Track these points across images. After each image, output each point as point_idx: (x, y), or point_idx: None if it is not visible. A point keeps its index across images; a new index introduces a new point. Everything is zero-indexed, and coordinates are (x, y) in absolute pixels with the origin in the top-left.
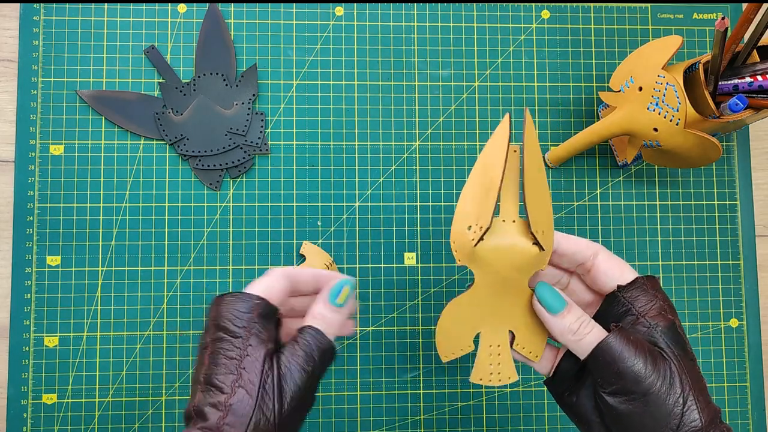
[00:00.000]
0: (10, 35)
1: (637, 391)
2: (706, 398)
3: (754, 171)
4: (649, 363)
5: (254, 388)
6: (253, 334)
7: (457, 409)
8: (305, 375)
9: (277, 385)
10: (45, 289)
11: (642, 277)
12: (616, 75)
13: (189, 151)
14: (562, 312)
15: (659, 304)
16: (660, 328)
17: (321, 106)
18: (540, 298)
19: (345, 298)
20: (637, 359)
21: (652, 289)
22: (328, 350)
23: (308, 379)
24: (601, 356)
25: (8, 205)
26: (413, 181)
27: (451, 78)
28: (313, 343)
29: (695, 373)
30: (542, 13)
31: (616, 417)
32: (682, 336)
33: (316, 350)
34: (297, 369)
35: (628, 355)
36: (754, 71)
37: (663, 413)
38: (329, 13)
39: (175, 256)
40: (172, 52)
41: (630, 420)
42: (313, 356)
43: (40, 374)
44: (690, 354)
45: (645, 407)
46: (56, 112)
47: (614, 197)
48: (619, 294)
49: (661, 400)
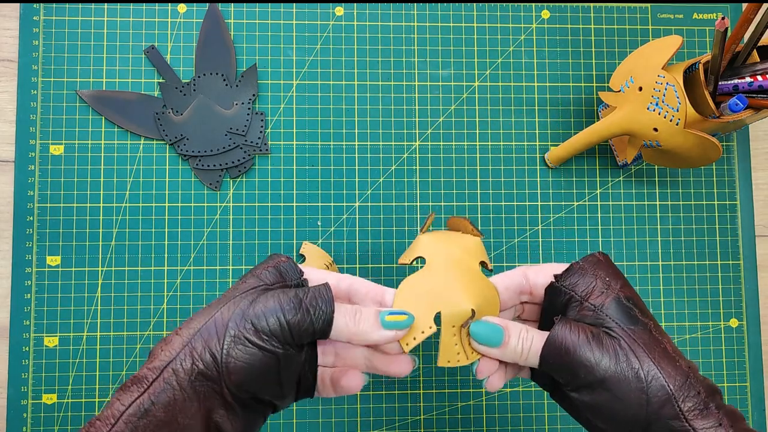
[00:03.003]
0: (10, 35)
1: (594, 380)
2: (672, 363)
3: (754, 171)
4: (596, 348)
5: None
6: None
7: (457, 409)
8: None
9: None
10: (45, 289)
11: (576, 262)
12: (616, 75)
13: (189, 151)
14: (504, 341)
15: (600, 283)
16: (604, 307)
17: (321, 106)
18: (477, 338)
19: (396, 322)
20: (582, 348)
21: (591, 269)
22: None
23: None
24: (550, 358)
25: (8, 205)
26: (413, 181)
27: (451, 78)
28: (312, 294)
29: (652, 342)
30: (542, 13)
31: (588, 410)
32: (630, 307)
33: (309, 301)
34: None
35: (572, 346)
36: (754, 71)
37: (626, 393)
38: (329, 13)
39: (175, 256)
40: (172, 52)
41: (601, 410)
42: (302, 303)
43: (40, 374)
44: (644, 321)
45: (608, 393)
46: (56, 112)
47: (614, 197)
48: (558, 284)
49: (620, 380)
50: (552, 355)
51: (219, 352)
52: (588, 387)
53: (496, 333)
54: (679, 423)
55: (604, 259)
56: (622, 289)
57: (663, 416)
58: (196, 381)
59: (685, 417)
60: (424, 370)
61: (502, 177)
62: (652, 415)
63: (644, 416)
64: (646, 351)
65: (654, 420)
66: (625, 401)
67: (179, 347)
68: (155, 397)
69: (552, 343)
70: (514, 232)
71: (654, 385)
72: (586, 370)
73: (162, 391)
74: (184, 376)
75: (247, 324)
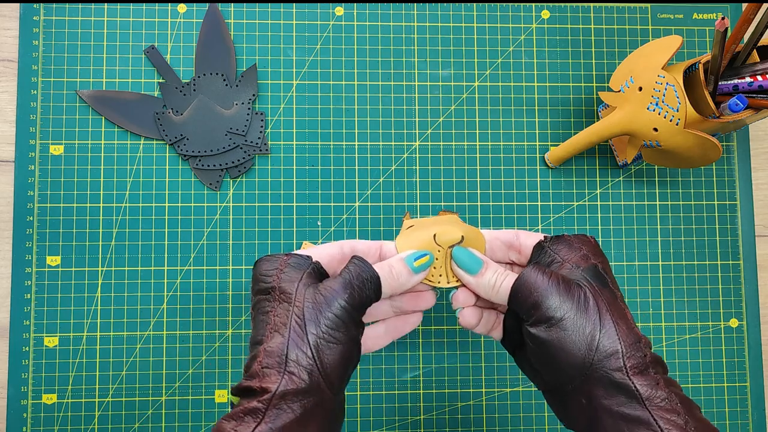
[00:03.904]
0: (10, 35)
1: (554, 317)
2: (628, 324)
3: (754, 171)
4: (563, 290)
5: (285, 327)
6: (283, 281)
7: (457, 409)
8: (342, 302)
9: (311, 317)
10: (45, 289)
11: (568, 234)
12: (616, 75)
13: (189, 151)
14: (480, 271)
15: (583, 252)
16: (581, 268)
17: (321, 106)
18: (458, 262)
19: (423, 264)
20: (550, 287)
21: (578, 243)
22: (369, 279)
23: (346, 308)
24: (519, 293)
25: (8, 205)
26: (413, 181)
27: (451, 78)
28: (354, 271)
29: (616, 304)
30: (542, 13)
31: (539, 346)
32: (604, 276)
33: (356, 278)
34: (333, 296)
35: (542, 284)
36: (754, 71)
37: (580, 336)
38: (329, 13)
39: (175, 256)
40: (172, 52)
41: (551, 347)
42: (352, 284)
43: (40, 374)
44: (612, 289)
45: (563, 332)
46: (56, 112)
47: (614, 197)
48: (545, 244)
49: (577, 324)
50: (521, 290)
51: (313, 360)
52: (546, 323)
53: (475, 262)
54: (620, 375)
55: (593, 241)
56: (602, 263)
57: (607, 366)
58: (302, 398)
59: (627, 371)
60: (424, 370)
61: (502, 177)
62: (597, 362)
63: (590, 362)
64: (608, 307)
65: (598, 367)
66: (577, 343)
67: (276, 374)
68: (272, 423)
69: (522, 278)
70: None
71: (606, 335)
72: (548, 307)
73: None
74: (293, 396)
75: (322, 326)
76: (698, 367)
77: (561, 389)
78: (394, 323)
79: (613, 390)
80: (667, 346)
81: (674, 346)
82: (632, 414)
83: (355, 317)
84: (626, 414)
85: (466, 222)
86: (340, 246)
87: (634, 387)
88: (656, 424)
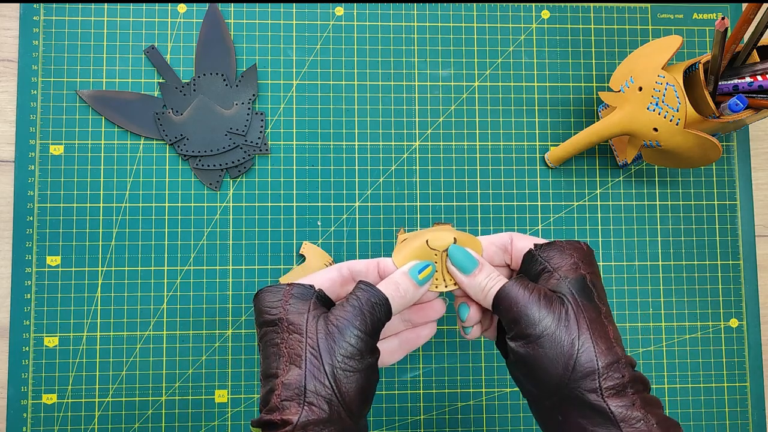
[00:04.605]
0: (10, 35)
1: (532, 334)
2: (608, 344)
3: (754, 171)
4: (544, 306)
5: (300, 359)
6: (290, 312)
7: (457, 409)
8: (355, 330)
9: (326, 347)
10: (45, 289)
11: (560, 240)
12: (616, 75)
13: (189, 151)
14: (474, 271)
15: (573, 261)
16: (568, 279)
17: (321, 106)
18: (453, 260)
19: (427, 276)
20: (531, 303)
21: (570, 250)
22: (379, 303)
23: (360, 336)
24: (501, 303)
25: (8, 205)
26: (413, 181)
27: (451, 78)
28: (362, 297)
29: (598, 321)
30: (542, 13)
31: (519, 361)
32: (592, 288)
33: (366, 304)
34: (345, 325)
35: (522, 299)
36: (754, 71)
37: (557, 354)
38: (329, 13)
39: (175, 256)
40: (172, 52)
41: (528, 363)
42: (362, 310)
43: (40, 374)
44: (597, 304)
45: (540, 349)
46: (56, 112)
47: (614, 197)
48: (535, 252)
49: (555, 341)
50: (503, 300)
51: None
52: (525, 339)
53: (470, 261)
54: (594, 397)
55: (586, 248)
56: (591, 274)
57: (582, 387)
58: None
59: (602, 393)
60: (424, 370)
61: (502, 177)
62: (573, 382)
63: (566, 381)
64: (588, 325)
65: (574, 387)
66: (554, 362)
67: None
68: None
69: (504, 292)
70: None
71: (584, 356)
72: (528, 323)
73: None
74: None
75: (338, 356)
76: (698, 367)
77: (540, 402)
78: (407, 336)
79: (587, 411)
80: (667, 346)
81: (674, 346)
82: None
83: (370, 343)
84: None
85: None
86: (338, 269)
87: (609, 409)
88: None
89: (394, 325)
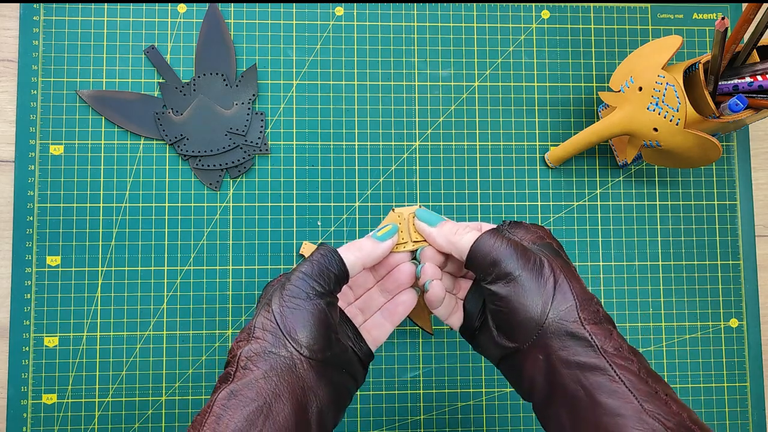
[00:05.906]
0: (10, 35)
1: (512, 272)
2: (582, 285)
3: (754, 171)
4: (520, 254)
5: (257, 313)
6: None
7: (457, 409)
8: (300, 273)
9: (275, 295)
10: (45, 289)
11: (533, 224)
12: (616, 75)
13: (189, 151)
14: (440, 223)
15: (539, 234)
16: (536, 245)
17: (321, 106)
18: (420, 216)
19: (386, 233)
20: (508, 249)
21: (535, 228)
22: (328, 255)
23: (303, 278)
24: (479, 250)
25: (8, 205)
26: (413, 181)
27: (451, 78)
28: (315, 252)
29: (569, 268)
30: (542, 13)
31: (499, 303)
32: (558, 251)
33: (315, 255)
34: (293, 272)
35: (499, 245)
36: (754, 71)
37: (537, 290)
38: (329, 13)
39: (175, 256)
40: (172, 52)
41: (509, 302)
42: (311, 260)
43: (40, 374)
44: (565, 259)
45: (520, 287)
46: (56, 112)
47: (614, 197)
48: (503, 227)
49: (533, 280)
50: (480, 249)
51: (275, 324)
52: (505, 278)
53: (436, 217)
54: (575, 325)
55: (548, 230)
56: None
57: (563, 318)
58: (267, 357)
59: (582, 321)
60: (424, 370)
61: (502, 177)
62: (553, 314)
63: (546, 314)
64: (562, 270)
65: (554, 320)
66: (534, 297)
67: (245, 343)
68: (240, 382)
69: (482, 240)
70: None
71: (561, 290)
72: (508, 264)
73: (243, 376)
74: (257, 357)
75: (284, 297)
76: (698, 367)
77: (518, 350)
78: (388, 307)
79: (568, 340)
80: (667, 346)
81: (674, 346)
82: (588, 362)
83: (316, 286)
84: (582, 362)
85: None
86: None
87: (590, 335)
88: (612, 369)
89: (376, 301)
